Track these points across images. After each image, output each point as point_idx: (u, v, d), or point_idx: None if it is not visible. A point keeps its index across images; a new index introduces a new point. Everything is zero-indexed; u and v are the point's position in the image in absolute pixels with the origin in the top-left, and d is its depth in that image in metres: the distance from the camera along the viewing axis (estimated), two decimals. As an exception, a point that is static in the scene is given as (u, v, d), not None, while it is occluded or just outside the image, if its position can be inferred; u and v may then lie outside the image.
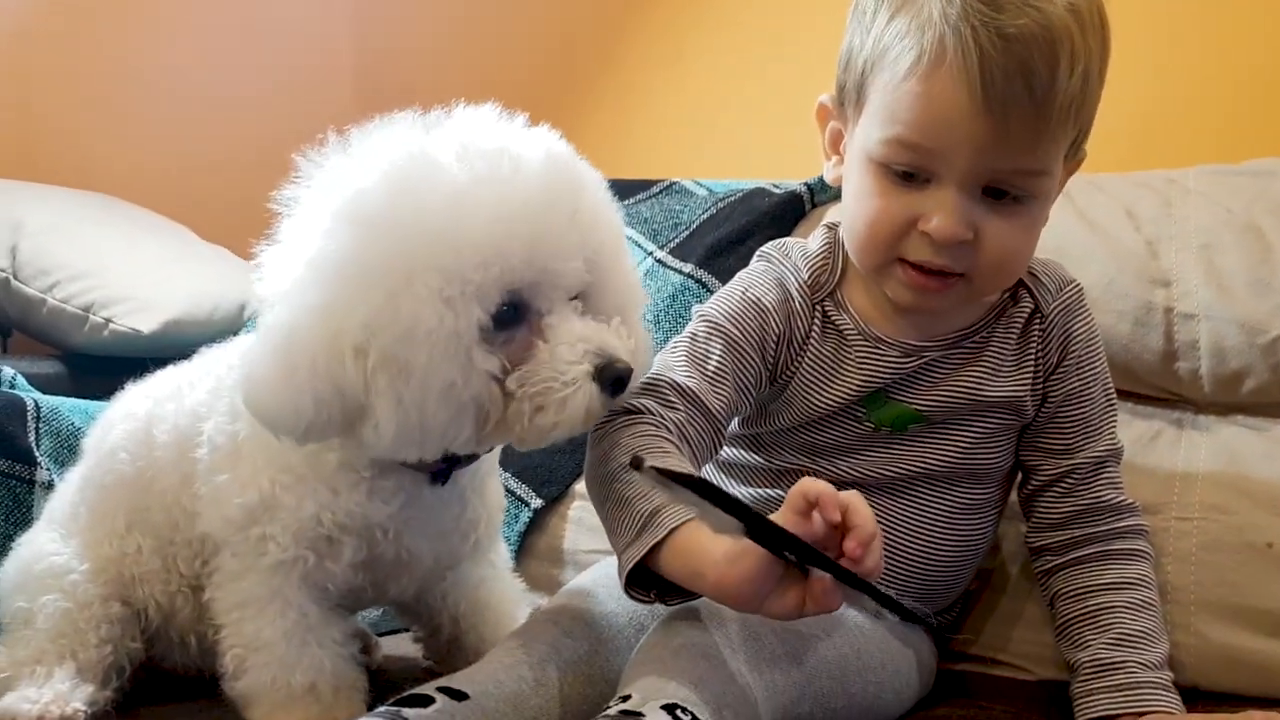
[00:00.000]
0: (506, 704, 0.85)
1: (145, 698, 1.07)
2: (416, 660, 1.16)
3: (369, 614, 1.26)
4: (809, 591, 0.76)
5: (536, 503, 1.39)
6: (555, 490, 1.39)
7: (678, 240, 1.50)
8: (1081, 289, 1.04)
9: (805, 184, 1.48)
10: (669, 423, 0.93)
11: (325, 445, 0.91)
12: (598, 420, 0.89)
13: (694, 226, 1.51)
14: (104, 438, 1.08)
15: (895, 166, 0.92)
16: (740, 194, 1.51)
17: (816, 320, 1.02)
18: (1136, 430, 1.19)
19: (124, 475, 1.04)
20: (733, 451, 1.07)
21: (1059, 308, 1.02)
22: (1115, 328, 1.20)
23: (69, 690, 0.99)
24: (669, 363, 0.98)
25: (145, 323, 1.65)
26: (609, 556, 0.90)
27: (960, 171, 0.90)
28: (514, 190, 0.83)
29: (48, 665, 1.01)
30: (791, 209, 1.47)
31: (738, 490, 1.06)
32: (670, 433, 0.92)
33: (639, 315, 0.95)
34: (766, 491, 1.04)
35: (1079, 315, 1.03)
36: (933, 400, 1.01)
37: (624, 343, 0.87)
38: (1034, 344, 1.02)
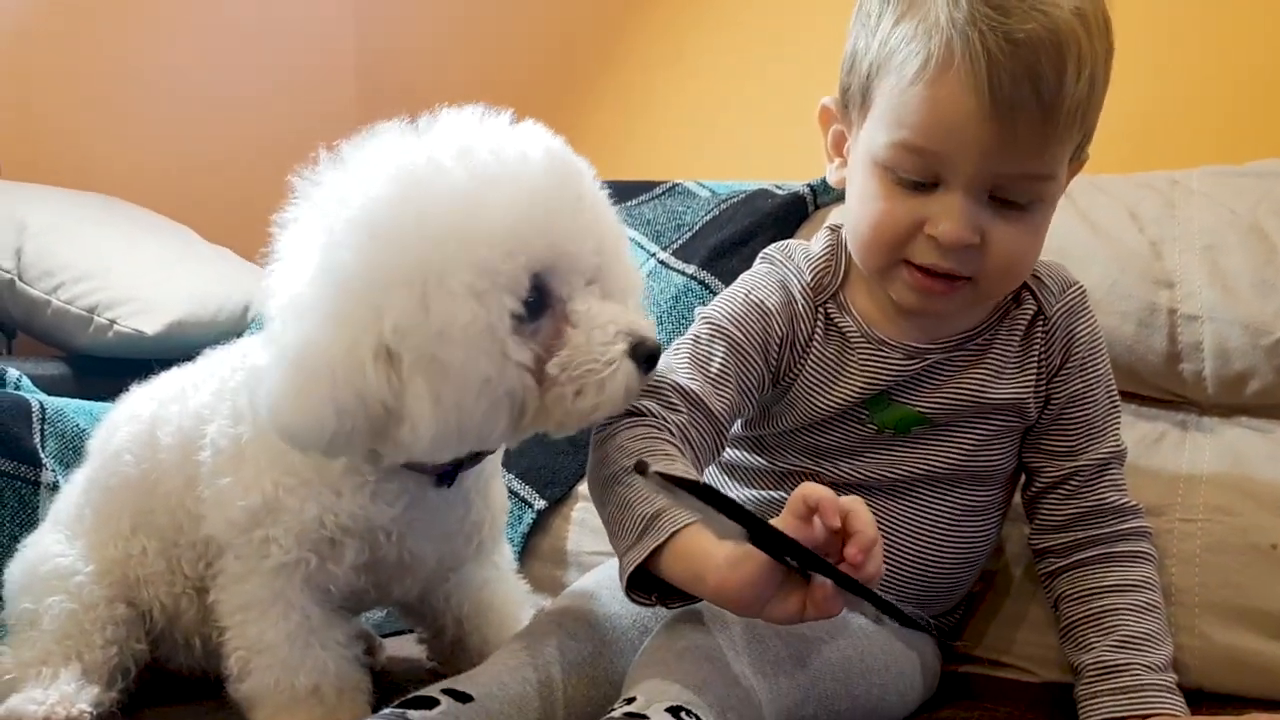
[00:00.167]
0: (511, 706, 0.85)
1: (150, 699, 1.07)
2: (421, 662, 1.16)
3: (373, 615, 1.26)
4: (810, 597, 0.76)
5: (540, 504, 1.39)
6: (558, 491, 1.39)
7: (680, 242, 1.50)
8: (1084, 291, 1.04)
9: (809, 185, 1.47)
10: (671, 425, 0.93)
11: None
12: (636, 398, 0.90)
13: (697, 228, 1.50)
14: (109, 439, 1.08)
15: (902, 175, 0.92)
16: (743, 195, 1.51)
17: (819, 322, 1.02)
18: (1140, 432, 1.19)
19: (129, 477, 1.05)
20: (735, 453, 1.07)
21: (1062, 310, 1.02)
22: (1119, 329, 1.19)
23: (74, 691, 0.99)
24: (671, 365, 0.98)
25: (150, 324, 1.65)
26: (612, 558, 0.90)
27: (967, 176, 0.90)
28: (523, 181, 0.84)
29: (53, 666, 1.01)
30: (795, 210, 1.46)
31: (740, 492, 1.06)
32: (672, 435, 0.92)
33: (639, 300, 0.95)
34: (769, 493, 1.04)
35: (1082, 317, 1.03)
36: (936, 402, 1.01)
37: (647, 321, 0.89)
38: (1037, 346, 1.02)
